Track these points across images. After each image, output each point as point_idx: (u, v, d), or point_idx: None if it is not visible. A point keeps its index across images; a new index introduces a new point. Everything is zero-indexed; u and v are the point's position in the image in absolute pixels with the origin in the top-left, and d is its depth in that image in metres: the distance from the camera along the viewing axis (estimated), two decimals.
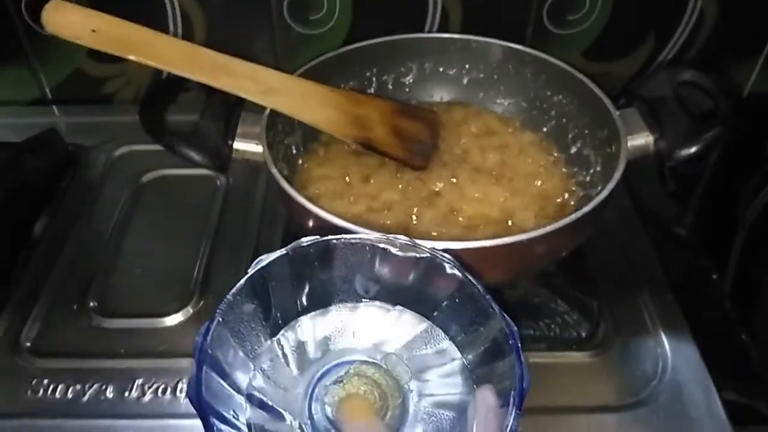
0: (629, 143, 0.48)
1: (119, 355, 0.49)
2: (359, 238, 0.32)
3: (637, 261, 0.55)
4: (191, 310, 0.52)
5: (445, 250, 0.40)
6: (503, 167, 0.54)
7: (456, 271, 0.31)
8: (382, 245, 0.32)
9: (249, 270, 0.30)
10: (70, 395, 0.46)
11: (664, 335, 0.50)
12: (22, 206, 0.60)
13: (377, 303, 0.34)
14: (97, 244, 0.57)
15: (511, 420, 0.26)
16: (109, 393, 0.46)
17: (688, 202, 0.66)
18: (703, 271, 0.58)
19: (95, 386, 0.47)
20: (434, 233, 0.48)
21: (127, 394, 0.46)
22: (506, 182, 0.53)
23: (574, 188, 0.53)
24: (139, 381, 0.47)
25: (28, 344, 0.50)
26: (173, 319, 0.51)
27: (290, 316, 0.33)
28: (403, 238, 0.32)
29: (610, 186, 0.44)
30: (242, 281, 0.29)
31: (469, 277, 0.31)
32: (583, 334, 0.49)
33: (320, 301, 0.34)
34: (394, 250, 0.32)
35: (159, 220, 0.60)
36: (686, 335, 0.50)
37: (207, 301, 0.53)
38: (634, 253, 0.56)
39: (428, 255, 0.31)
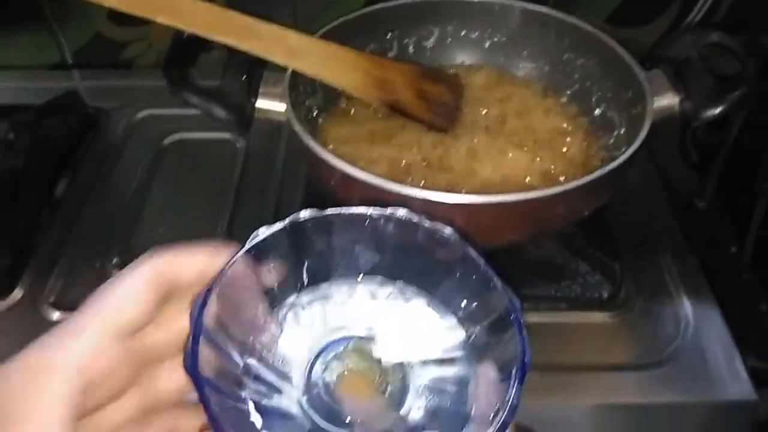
0: (655, 104, 0.48)
1: None
2: (359, 212, 0.31)
3: (660, 225, 0.55)
4: None
5: (468, 205, 0.40)
6: (525, 131, 0.54)
7: (458, 245, 0.30)
8: (382, 219, 0.31)
9: (246, 244, 0.29)
10: None
11: (686, 297, 0.50)
12: (44, 167, 0.60)
13: (378, 278, 0.34)
14: (119, 203, 0.58)
15: (513, 394, 0.26)
16: None
17: (708, 173, 0.65)
18: (722, 241, 0.58)
19: None
20: (455, 192, 0.48)
21: None
22: (528, 146, 0.52)
23: (597, 151, 0.53)
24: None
25: (52, 299, 0.50)
26: None
27: (289, 290, 0.33)
28: (403, 211, 0.31)
29: (636, 144, 0.44)
30: (239, 254, 0.28)
31: (472, 249, 0.30)
32: (605, 295, 0.49)
33: (320, 276, 0.34)
34: (394, 224, 0.32)
35: (180, 182, 0.60)
36: (708, 297, 0.50)
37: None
38: (657, 217, 0.55)
39: (429, 227, 0.31)
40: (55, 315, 0.49)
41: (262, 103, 0.49)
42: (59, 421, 0.25)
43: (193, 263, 0.29)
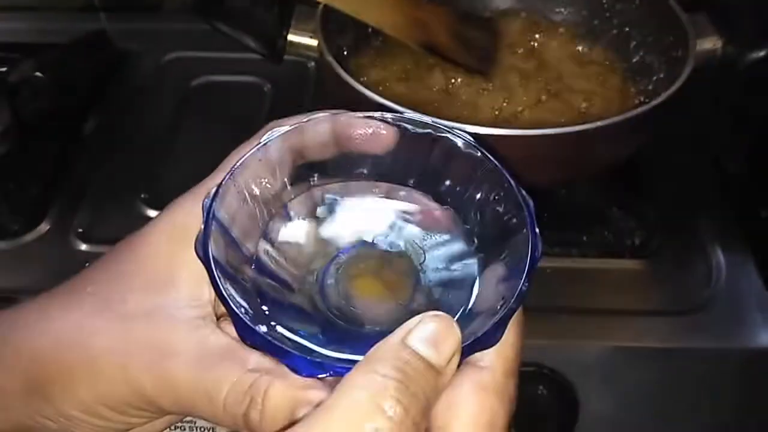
0: (697, 47, 0.46)
1: None
2: (373, 115, 0.30)
3: (696, 176, 0.54)
4: None
5: (505, 137, 0.40)
6: (561, 77, 0.53)
7: (471, 149, 0.29)
8: (397, 123, 0.30)
9: (263, 138, 0.28)
10: None
11: (719, 245, 0.49)
12: (71, 105, 0.60)
13: (393, 185, 0.33)
14: (147, 142, 0.58)
15: (522, 282, 0.25)
16: None
17: (742, 135, 0.64)
18: (751, 205, 0.57)
19: None
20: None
21: None
22: (564, 91, 0.51)
23: (635, 96, 0.51)
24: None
25: (81, 230, 0.50)
26: None
27: (305, 188, 0.33)
28: (415, 115, 0.30)
29: (677, 84, 0.43)
30: (256, 148, 0.27)
31: (486, 153, 0.29)
32: (638, 242, 0.48)
33: (336, 179, 0.33)
34: (409, 128, 0.31)
35: (208, 123, 0.60)
36: (741, 246, 0.49)
37: None
38: (693, 167, 0.54)
39: (444, 133, 0.30)
40: (83, 247, 0.49)
41: (294, 37, 0.49)
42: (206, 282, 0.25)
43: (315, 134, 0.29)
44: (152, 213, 0.51)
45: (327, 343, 0.26)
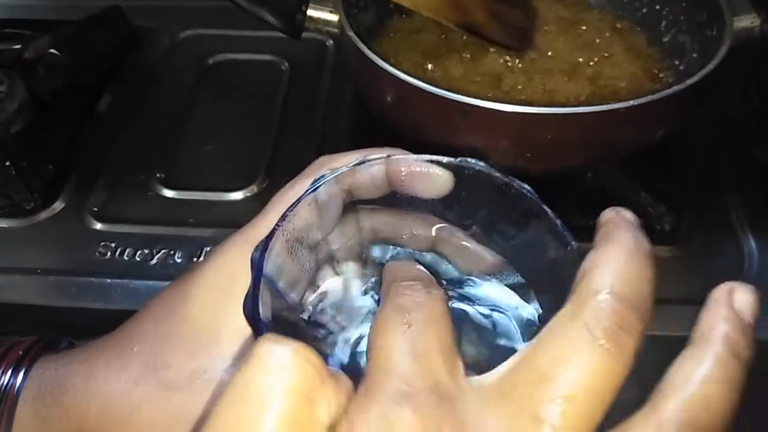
0: (734, 25, 0.44)
1: (187, 224, 0.48)
2: (429, 159, 0.29)
3: (727, 160, 0.52)
4: (256, 189, 0.51)
5: (532, 116, 0.38)
6: (591, 57, 0.51)
7: (534, 201, 0.27)
8: (453, 165, 0.29)
9: (311, 186, 0.27)
10: (138, 258, 0.46)
11: (751, 233, 0.47)
12: (86, 81, 0.59)
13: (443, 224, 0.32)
14: (163, 120, 0.57)
15: None
16: (178, 258, 0.46)
17: None
18: None
19: (163, 251, 0.46)
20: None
21: (195, 259, 0.46)
22: (594, 73, 0.50)
23: (667, 77, 0.50)
24: (207, 248, 0.46)
25: (95, 209, 0.49)
26: (239, 195, 0.51)
27: (352, 225, 0.31)
28: (477, 161, 0.29)
29: (713, 63, 0.41)
30: (304, 197, 0.26)
31: (547, 207, 0.28)
32: (667, 227, 0.47)
33: (384, 210, 0.32)
34: (465, 172, 0.28)
35: (225, 101, 0.59)
36: None
37: (272, 181, 0.52)
38: (725, 151, 0.52)
39: (505, 180, 0.28)
40: (98, 226, 0.48)
41: (313, 12, 0.47)
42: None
43: (368, 174, 0.28)
44: (168, 192, 0.51)
45: None
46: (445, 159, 0.28)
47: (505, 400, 0.18)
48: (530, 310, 0.29)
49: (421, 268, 0.26)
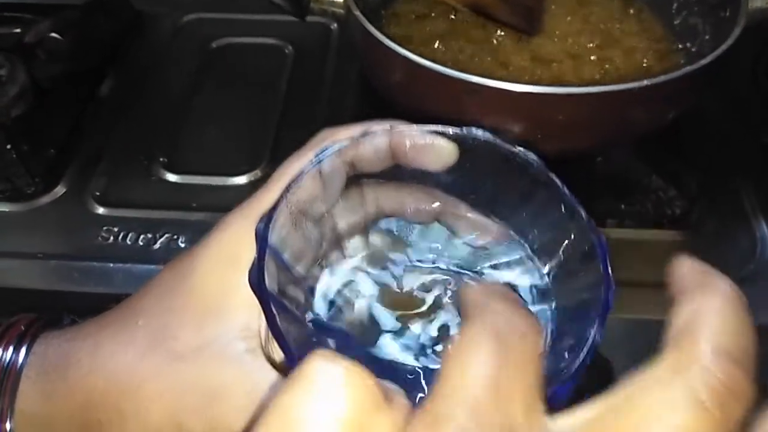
0: (750, 4, 0.44)
1: (191, 208, 0.47)
2: (434, 129, 0.28)
3: (739, 144, 0.51)
4: (260, 173, 0.50)
5: (542, 95, 0.37)
6: (601, 39, 0.50)
7: (541, 170, 0.27)
8: (458, 138, 0.28)
9: (313, 158, 0.27)
10: (141, 243, 0.45)
11: (764, 217, 0.46)
12: (88, 65, 0.58)
13: (448, 196, 0.31)
14: (166, 104, 0.56)
15: (594, 333, 0.23)
16: (181, 242, 0.45)
17: None
18: None
19: (166, 235, 0.46)
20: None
21: None
22: (604, 55, 0.49)
23: (678, 60, 0.49)
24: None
25: (98, 193, 0.49)
26: (243, 179, 0.50)
27: (356, 196, 0.31)
28: (482, 132, 0.28)
29: (727, 43, 0.40)
30: (308, 169, 0.26)
31: (555, 176, 0.27)
32: (678, 212, 0.46)
33: (388, 183, 0.31)
34: (471, 144, 0.28)
35: (228, 85, 0.58)
36: None
37: (276, 165, 0.51)
38: (737, 135, 0.52)
39: (510, 150, 0.28)
40: (100, 210, 0.48)
41: None
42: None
43: (372, 146, 0.27)
44: (171, 177, 0.50)
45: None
46: (449, 129, 0.27)
47: None
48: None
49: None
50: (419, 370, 0.26)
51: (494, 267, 0.29)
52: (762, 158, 0.50)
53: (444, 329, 0.27)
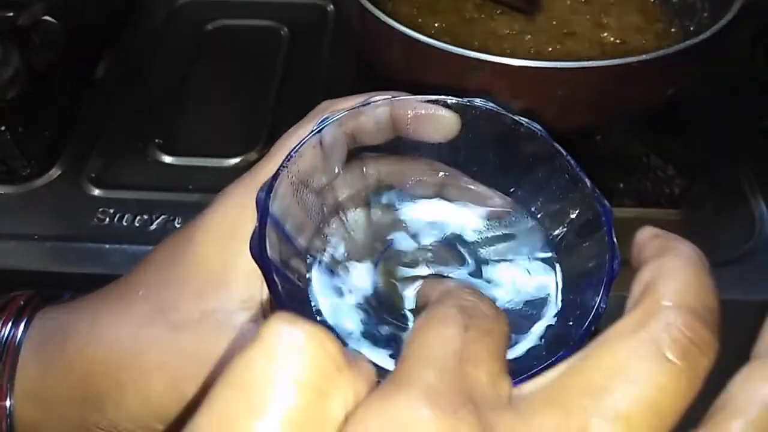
0: None
1: (187, 190, 0.47)
2: (435, 99, 0.28)
3: (738, 124, 0.51)
4: (256, 155, 0.50)
5: (541, 70, 0.37)
6: (600, 17, 0.50)
7: (545, 140, 0.26)
8: (461, 108, 0.28)
9: (314, 128, 0.26)
10: (137, 224, 0.45)
11: (762, 197, 0.46)
12: (83, 48, 0.58)
13: (451, 170, 0.31)
14: (161, 87, 0.56)
15: (599, 301, 0.23)
16: (177, 223, 0.45)
17: None
18: None
19: (163, 216, 0.46)
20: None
21: None
22: (604, 33, 0.48)
23: (677, 38, 0.48)
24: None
25: (93, 175, 0.49)
26: (239, 160, 0.50)
27: (358, 170, 0.30)
28: (484, 101, 0.28)
29: (726, 19, 0.40)
30: (310, 135, 0.26)
31: (559, 146, 0.27)
32: (677, 191, 0.46)
33: (390, 157, 0.31)
34: (474, 114, 0.28)
35: (224, 67, 0.58)
36: None
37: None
38: (736, 114, 0.51)
39: (514, 119, 0.27)
40: (95, 192, 0.48)
41: None
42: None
43: (373, 116, 0.27)
44: (166, 158, 0.50)
45: (374, 342, 0.25)
46: (451, 99, 0.27)
47: (551, 409, 0.16)
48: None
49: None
50: None
51: (496, 241, 0.29)
52: (760, 138, 0.50)
53: None
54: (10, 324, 0.27)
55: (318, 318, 0.25)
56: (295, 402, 0.14)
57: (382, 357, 0.24)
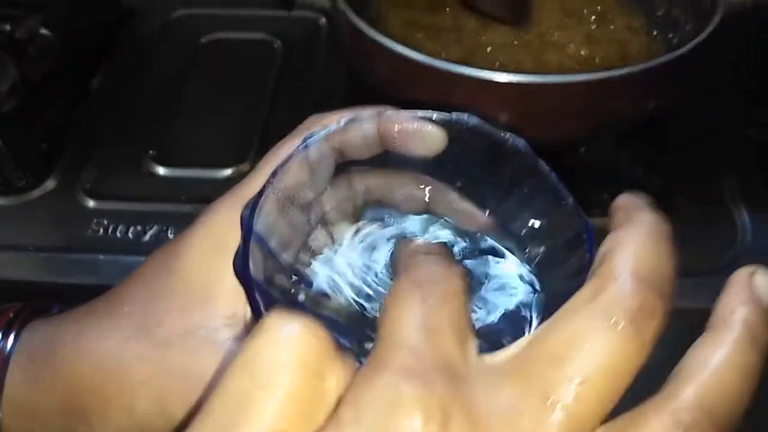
0: None
1: (180, 201, 0.48)
2: (421, 115, 0.28)
3: (721, 134, 0.52)
4: (248, 166, 0.51)
5: (524, 85, 0.38)
6: (584, 31, 0.51)
7: (530, 157, 0.27)
8: (445, 124, 0.28)
9: (301, 143, 0.26)
10: (131, 235, 0.46)
11: (744, 206, 0.47)
12: (78, 60, 0.59)
13: (437, 183, 0.31)
14: (155, 99, 0.56)
15: None
16: (171, 234, 0.46)
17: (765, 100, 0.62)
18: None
19: (156, 227, 0.46)
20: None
21: None
22: (588, 46, 0.49)
23: (661, 52, 0.49)
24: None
25: (88, 186, 0.49)
26: (231, 171, 0.50)
27: (344, 184, 0.31)
28: (470, 117, 0.28)
29: (705, 33, 0.41)
30: (297, 151, 0.26)
31: (543, 163, 0.27)
32: (660, 201, 0.47)
33: (376, 170, 0.32)
34: (459, 130, 0.28)
35: (218, 79, 0.58)
36: (767, 206, 0.47)
37: None
38: (719, 125, 0.52)
39: (499, 136, 0.28)
40: (90, 203, 0.48)
41: None
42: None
43: (360, 131, 0.27)
44: (161, 170, 0.50)
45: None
46: (438, 115, 0.28)
47: (517, 378, 0.17)
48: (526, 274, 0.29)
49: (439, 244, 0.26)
50: None
51: (480, 256, 0.30)
52: (742, 148, 0.51)
53: None
54: None
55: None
56: (298, 381, 0.16)
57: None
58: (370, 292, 0.28)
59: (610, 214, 0.21)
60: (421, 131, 0.27)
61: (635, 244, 0.19)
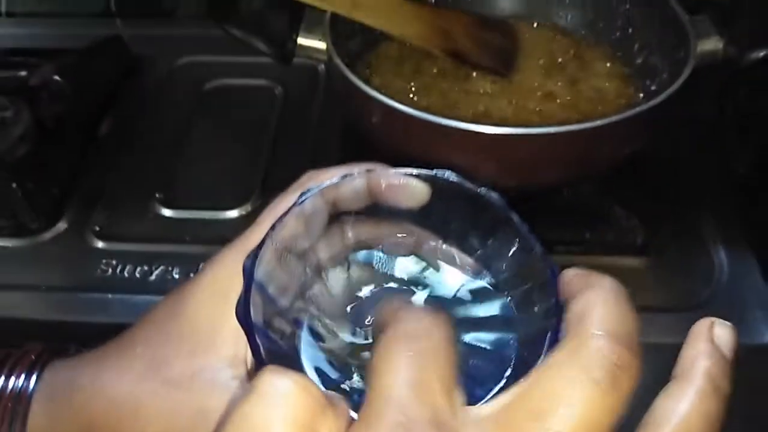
0: (699, 48, 0.47)
1: (184, 242, 0.51)
2: (404, 172, 0.31)
3: (699, 174, 0.54)
4: (251, 207, 0.54)
5: (509, 136, 0.41)
6: (565, 79, 0.54)
7: (502, 209, 0.29)
8: (429, 178, 0.31)
9: (298, 199, 0.29)
10: (138, 275, 0.48)
11: (722, 245, 0.49)
12: (88, 107, 0.62)
13: (423, 232, 0.34)
14: (161, 144, 0.59)
15: (542, 356, 0.26)
16: (176, 273, 0.48)
17: (748, 138, 0.64)
18: (753, 204, 0.57)
19: (161, 267, 0.49)
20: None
21: (192, 275, 0.48)
22: (569, 94, 0.52)
23: (640, 99, 0.52)
24: (203, 265, 0.48)
25: (97, 228, 0.52)
26: (235, 213, 0.53)
27: (337, 233, 0.34)
28: (450, 173, 0.30)
29: (677, 83, 0.44)
30: (292, 210, 0.28)
31: (515, 214, 0.30)
32: (640, 240, 0.49)
33: (367, 221, 0.34)
34: (440, 187, 0.31)
35: (221, 124, 0.61)
36: (744, 247, 0.49)
37: (266, 200, 0.54)
38: (696, 167, 0.55)
39: (475, 190, 0.31)
40: (100, 244, 0.51)
41: (303, 40, 0.50)
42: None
43: (351, 187, 0.30)
44: (167, 212, 0.53)
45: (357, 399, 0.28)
46: (421, 172, 0.30)
47: (502, 430, 0.19)
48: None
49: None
50: None
51: (463, 296, 0.32)
52: (719, 188, 0.54)
53: None
54: (23, 376, 0.30)
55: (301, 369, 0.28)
56: None
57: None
58: (363, 336, 0.30)
59: (564, 282, 0.23)
60: (406, 186, 0.30)
61: (604, 305, 0.21)
